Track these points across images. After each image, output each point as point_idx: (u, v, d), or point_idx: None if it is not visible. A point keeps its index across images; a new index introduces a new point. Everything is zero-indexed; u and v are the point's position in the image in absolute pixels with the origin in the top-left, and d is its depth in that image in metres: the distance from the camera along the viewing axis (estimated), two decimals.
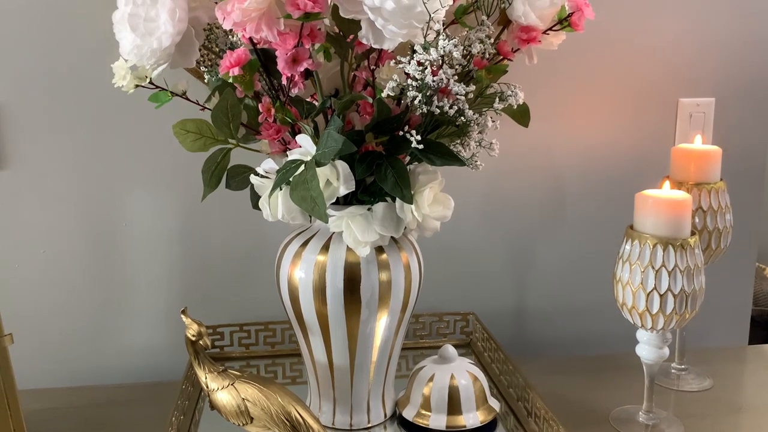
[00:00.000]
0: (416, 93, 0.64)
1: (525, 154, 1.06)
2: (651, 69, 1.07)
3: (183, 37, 0.69)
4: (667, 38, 1.07)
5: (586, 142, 1.08)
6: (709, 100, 1.10)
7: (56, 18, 0.92)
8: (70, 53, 0.93)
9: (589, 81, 1.06)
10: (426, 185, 0.72)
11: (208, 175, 0.74)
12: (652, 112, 1.09)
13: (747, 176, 1.13)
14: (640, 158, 1.09)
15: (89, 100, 0.95)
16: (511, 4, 0.72)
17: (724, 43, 1.09)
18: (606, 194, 1.10)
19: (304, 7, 0.58)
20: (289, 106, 0.71)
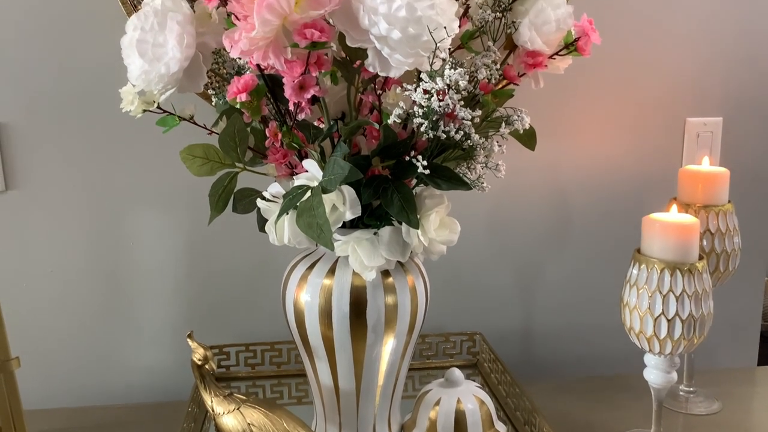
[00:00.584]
0: (422, 120, 0.64)
1: (530, 172, 1.06)
2: (658, 88, 1.07)
3: (191, 62, 0.69)
4: (674, 57, 1.07)
5: (592, 160, 1.08)
6: (716, 119, 1.10)
7: (65, 40, 0.93)
8: (79, 74, 0.94)
9: (595, 100, 1.06)
10: (432, 209, 0.72)
11: (215, 198, 0.74)
12: (659, 131, 1.09)
13: (755, 197, 1.12)
14: (646, 177, 1.09)
15: (97, 120, 0.95)
16: (517, 30, 0.72)
17: (730, 62, 1.08)
18: (612, 213, 1.09)
19: (311, 36, 0.58)
20: (295, 131, 0.72)
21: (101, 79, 0.93)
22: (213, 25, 0.71)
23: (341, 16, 0.60)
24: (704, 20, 1.07)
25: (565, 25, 0.72)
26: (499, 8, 0.72)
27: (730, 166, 0.94)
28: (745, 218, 0.97)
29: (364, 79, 0.74)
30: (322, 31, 0.59)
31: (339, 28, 0.61)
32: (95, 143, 0.96)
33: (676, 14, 1.06)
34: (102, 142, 0.96)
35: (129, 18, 0.86)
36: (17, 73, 0.93)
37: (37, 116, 0.94)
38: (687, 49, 1.07)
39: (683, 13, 1.06)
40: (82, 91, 0.94)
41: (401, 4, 0.57)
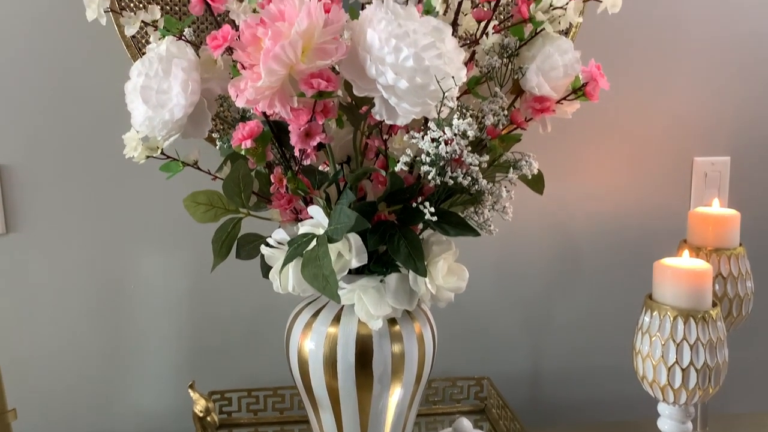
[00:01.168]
0: (430, 168, 0.63)
1: (538, 212, 1.05)
2: (664, 127, 1.07)
3: (195, 109, 0.69)
4: (680, 97, 1.07)
5: (600, 201, 1.07)
6: (724, 159, 1.09)
7: (68, 82, 0.92)
8: (81, 116, 0.93)
9: (601, 139, 1.06)
10: (440, 256, 0.70)
11: (218, 245, 0.73)
12: (666, 171, 1.08)
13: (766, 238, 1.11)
14: (655, 218, 1.08)
15: (99, 162, 0.95)
16: (524, 75, 0.71)
17: (737, 101, 1.08)
18: (622, 254, 1.08)
19: (318, 86, 0.58)
20: (301, 176, 0.71)
21: (104, 121, 0.93)
22: (218, 71, 0.70)
23: (348, 66, 0.60)
24: (710, 60, 1.06)
25: (572, 71, 0.71)
26: (506, 54, 0.72)
27: (739, 205, 0.92)
28: (757, 261, 0.95)
29: (370, 124, 0.74)
30: (329, 80, 0.58)
31: (346, 77, 0.60)
32: (97, 186, 0.95)
33: (681, 54, 1.05)
34: (104, 184, 0.96)
35: (134, 61, 0.87)
36: (19, 115, 0.92)
37: (39, 158, 0.94)
38: (693, 89, 1.07)
39: (689, 53, 1.06)
40: (85, 134, 0.94)
41: (409, 54, 0.57)
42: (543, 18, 0.68)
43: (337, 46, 0.58)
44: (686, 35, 1.05)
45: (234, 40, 0.61)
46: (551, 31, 0.70)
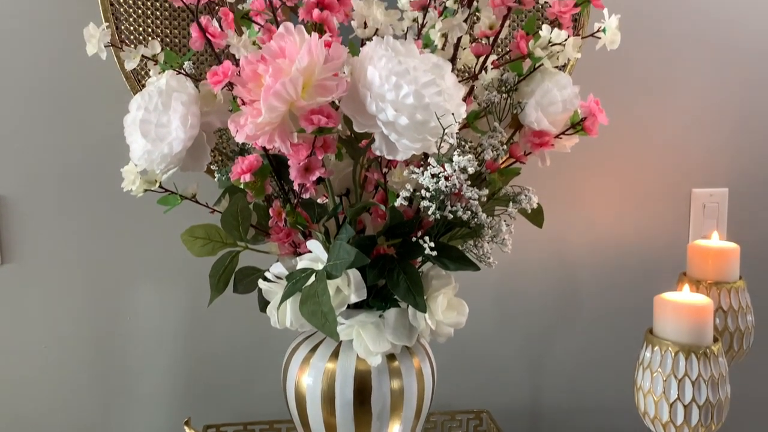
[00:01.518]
0: (429, 203, 0.62)
1: (536, 245, 1.04)
2: (663, 159, 1.07)
3: (194, 142, 0.68)
4: (678, 129, 1.07)
5: (599, 232, 1.07)
6: (722, 190, 1.09)
7: (66, 113, 0.92)
8: (80, 148, 0.93)
9: (600, 170, 1.06)
10: (439, 291, 0.70)
11: (216, 279, 0.73)
12: (665, 202, 1.08)
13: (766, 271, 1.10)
14: (654, 249, 1.08)
15: (95, 195, 0.94)
16: (523, 110, 0.72)
17: (735, 133, 1.09)
18: (621, 286, 1.07)
19: (318, 122, 0.58)
20: (300, 210, 0.70)
21: (102, 153, 0.93)
22: (218, 104, 0.71)
23: (348, 102, 0.60)
24: (707, 91, 1.07)
25: (571, 106, 0.71)
26: (504, 89, 0.72)
27: (738, 237, 0.92)
28: (757, 294, 0.95)
29: (369, 158, 0.74)
30: (329, 116, 0.58)
31: (346, 113, 0.60)
32: (94, 218, 0.95)
33: (678, 86, 1.06)
34: (101, 216, 0.95)
35: (133, 94, 0.87)
36: (18, 146, 0.92)
37: (37, 190, 0.93)
38: (691, 120, 1.08)
39: (686, 85, 1.06)
40: (83, 166, 0.94)
41: (409, 92, 0.57)
42: (542, 54, 0.69)
43: (337, 82, 0.58)
44: (683, 68, 1.06)
45: (234, 75, 0.61)
46: (550, 66, 0.71)
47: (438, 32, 0.74)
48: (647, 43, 1.04)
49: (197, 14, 0.63)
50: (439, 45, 0.75)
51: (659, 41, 1.05)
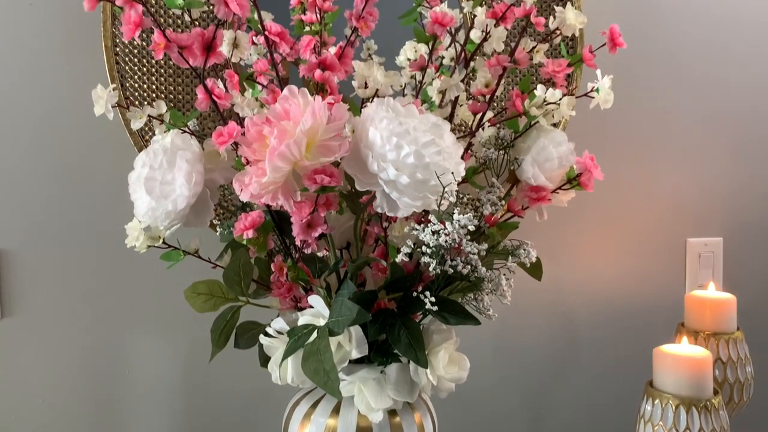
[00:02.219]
0: (430, 260, 0.63)
1: (535, 294, 1.05)
2: (657, 209, 1.09)
3: (198, 199, 0.69)
4: (673, 179, 1.09)
5: (596, 282, 1.07)
6: (717, 239, 1.10)
7: (69, 167, 0.93)
8: (81, 203, 0.94)
9: (596, 222, 1.07)
10: (440, 345, 0.70)
11: (217, 334, 0.73)
12: (661, 252, 1.09)
13: (764, 322, 1.11)
14: (651, 298, 1.08)
15: (97, 249, 0.95)
16: (520, 166, 0.73)
17: (728, 183, 1.11)
18: (619, 336, 1.08)
19: (321, 181, 0.59)
20: (301, 265, 0.71)
21: (103, 207, 0.94)
22: (222, 162, 0.72)
23: (350, 162, 0.61)
24: (701, 143, 1.10)
25: (567, 162, 0.73)
26: (501, 146, 0.74)
27: (734, 286, 0.93)
28: (755, 345, 0.96)
29: (369, 212, 0.75)
30: (332, 176, 0.60)
31: (348, 172, 0.62)
32: (95, 272, 0.95)
33: (672, 137, 1.09)
34: (102, 270, 0.95)
35: (137, 149, 0.89)
36: (19, 199, 0.93)
37: (38, 244, 0.94)
38: (685, 171, 1.10)
39: (680, 137, 1.09)
40: (84, 220, 0.94)
41: (409, 152, 0.59)
42: (537, 113, 0.71)
43: (340, 143, 0.60)
44: (677, 119, 1.09)
45: (239, 136, 0.63)
46: (545, 124, 0.73)
47: (436, 90, 0.76)
48: (640, 98, 1.07)
49: (203, 77, 0.65)
50: (437, 101, 0.77)
51: (652, 96, 1.08)
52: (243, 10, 0.62)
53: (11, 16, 0.89)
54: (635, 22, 1.07)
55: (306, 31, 0.80)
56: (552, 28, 0.74)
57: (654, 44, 1.08)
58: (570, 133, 0.87)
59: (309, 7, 0.78)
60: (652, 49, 1.07)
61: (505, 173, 0.75)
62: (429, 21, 0.71)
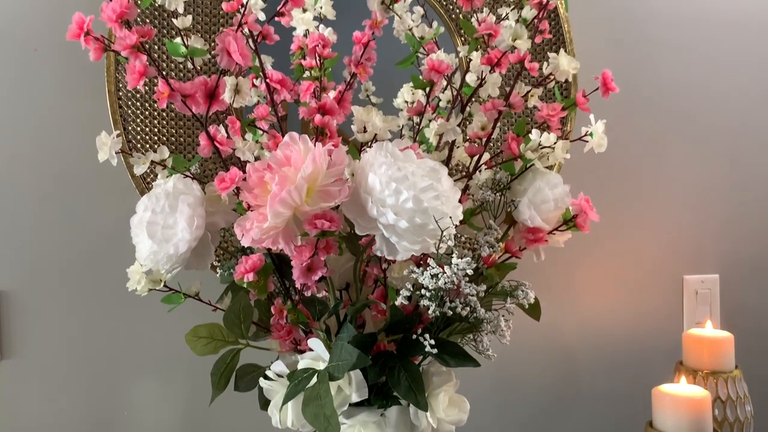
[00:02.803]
0: (429, 303, 0.64)
1: (534, 333, 1.05)
2: (654, 247, 1.10)
3: (199, 242, 0.70)
4: (668, 217, 1.10)
5: (594, 320, 1.08)
6: (713, 276, 1.11)
7: (70, 209, 0.94)
8: (81, 245, 0.94)
9: (594, 260, 1.08)
10: (440, 387, 0.70)
11: (217, 377, 0.73)
12: (658, 289, 1.10)
13: (762, 362, 1.11)
14: (649, 335, 1.09)
15: (96, 290, 0.95)
16: (516, 208, 0.75)
17: (723, 221, 1.12)
18: (618, 375, 1.07)
19: (322, 226, 0.60)
20: (301, 307, 0.72)
21: (104, 249, 0.94)
22: (223, 205, 0.73)
23: (350, 206, 0.62)
24: (694, 180, 1.11)
25: (563, 204, 0.74)
26: (498, 188, 0.75)
27: (731, 322, 0.94)
28: (754, 383, 0.96)
29: (369, 254, 0.76)
30: (332, 221, 0.61)
31: (348, 216, 0.63)
32: (94, 314, 0.95)
33: (667, 176, 1.10)
34: (102, 311, 0.95)
35: (138, 191, 0.90)
36: (19, 240, 0.93)
37: (38, 285, 0.94)
38: (679, 209, 1.11)
39: (673, 175, 1.11)
40: (84, 262, 0.95)
41: (408, 197, 0.60)
42: (532, 156, 0.72)
43: (340, 188, 0.61)
44: (672, 157, 1.11)
45: (241, 181, 0.64)
46: (541, 167, 0.74)
47: (433, 132, 0.78)
48: (635, 137, 1.09)
49: (206, 124, 0.66)
50: (435, 143, 0.79)
51: (647, 135, 1.10)
52: (245, 60, 0.64)
53: (16, 61, 0.91)
54: (628, 65, 1.10)
55: (306, 77, 0.82)
56: (546, 74, 0.76)
57: (646, 85, 1.10)
58: (565, 173, 0.88)
59: (309, 53, 0.81)
60: (644, 90, 1.10)
61: (502, 214, 0.76)
62: (426, 68, 0.73)
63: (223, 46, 0.64)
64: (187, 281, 0.75)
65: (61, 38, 0.64)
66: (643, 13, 1.10)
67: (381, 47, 0.78)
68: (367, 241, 0.70)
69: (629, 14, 1.10)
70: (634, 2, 1.10)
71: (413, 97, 0.90)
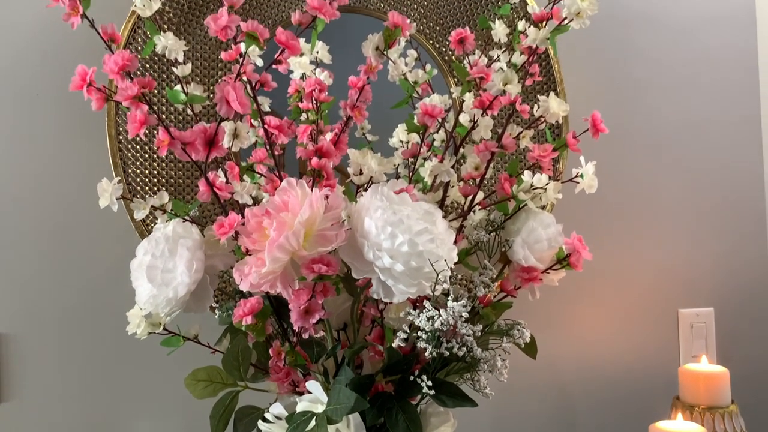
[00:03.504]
0: (426, 345, 0.65)
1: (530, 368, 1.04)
2: (648, 281, 1.11)
3: (198, 285, 0.71)
4: (662, 251, 1.12)
5: (591, 355, 1.08)
6: (708, 310, 1.12)
7: (69, 251, 0.95)
8: (78, 287, 0.95)
9: (588, 296, 1.09)
10: (438, 428, 0.71)
11: (216, 420, 0.73)
12: (653, 323, 1.11)
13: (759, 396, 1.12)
14: (646, 370, 1.09)
15: (95, 333, 0.95)
16: (510, 247, 0.76)
17: (715, 253, 1.13)
18: (614, 408, 1.07)
19: (319, 270, 0.61)
20: (299, 349, 0.72)
21: (103, 292, 0.95)
22: (222, 248, 0.74)
23: (347, 250, 0.63)
24: (689, 214, 1.13)
25: (556, 243, 0.76)
26: (492, 228, 0.76)
27: (727, 355, 0.94)
28: (750, 417, 0.96)
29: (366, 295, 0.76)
30: (329, 265, 0.62)
31: (344, 260, 0.64)
32: (94, 356, 0.96)
33: (661, 210, 1.12)
34: (101, 354, 0.96)
35: (138, 233, 0.91)
36: (20, 283, 0.94)
37: (37, 328, 0.94)
38: (674, 243, 1.12)
39: (665, 210, 1.12)
40: (83, 305, 0.95)
41: (404, 241, 0.61)
42: (525, 198, 0.74)
43: (337, 232, 0.62)
44: (664, 193, 1.12)
45: (239, 226, 0.65)
46: (534, 207, 0.75)
47: (428, 170, 0.79)
48: (627, 174, 1.11)
49: (205, 170, 0.68)
50: (429, 181, 0.80)
51: (638, 172, 1.12)
52: (244, 108, 0.65)
53: (19, 106, 0.93)
54: (618, 103, 1.12)
55: (303, 121, 0.84)
56: (537, 116, 0.78)
57: (637, 123, 1.12)
58: (558, 210, 0.90)
59: (305, 97, 0.83)
60: (635, 127, 1.12)
61: (497, 254, 0.78)
62: (419, 112, 0.75)
63: (222, 95, 0.65)
64: (185, 323, 0.76)
65: (63, 83, 0.65)
66: (632, 54, 1.13)
67: (376, 82, 0.79)
68: (364, 282, 0.71)
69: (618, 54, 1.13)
70: (623, 43, 1.13)
71: (408, 137, 0.92)
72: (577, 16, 0.71)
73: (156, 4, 0.71)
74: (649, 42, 1.14)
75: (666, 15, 1.15)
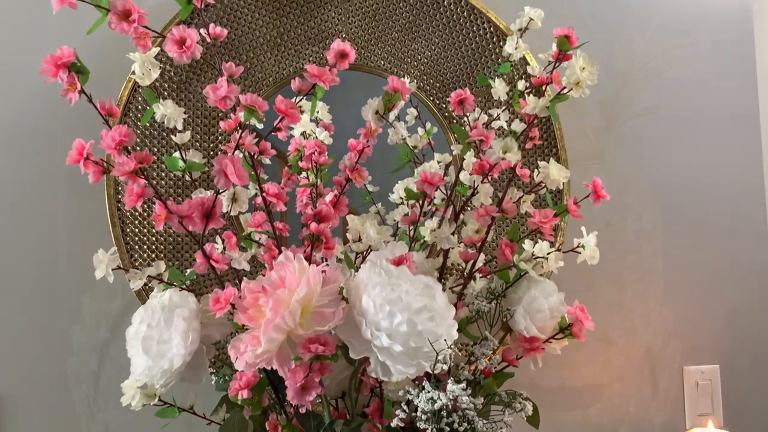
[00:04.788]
0: (426, 425, 0.63)
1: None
2: (652, 338, 1.09)
3: (194, 356, 0.70)
4: (666, 308, 1.10)
5: (595, 416, 1.06)
6: (713, 367, 1.10)
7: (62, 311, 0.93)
8: (74, 347, 0.93)
9: (589, 356, 1.07)
10: None
11: None
12: (658, 381, 1.09)
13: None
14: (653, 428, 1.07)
15: (92, 398, 0.94)
16: (512, 317, 0.75)
17: (722, 311, 1.12)
18: None
19: (316, 350, 0.60)
20: (295, 423, 0.71)
21: (100, 353, 0.94)
22: (218, 318, 0.73)
23: (345, 329, 0.62)
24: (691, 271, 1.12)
25: (558, 312, 0.74)
26: (493, 297, 0.75)
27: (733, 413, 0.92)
28: None
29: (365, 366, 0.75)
30: (326, 344, 0.61)
31: (342, 339, 0.63)
32: (90, 420, 0.94)
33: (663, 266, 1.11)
34: (98, 419, 0.94)
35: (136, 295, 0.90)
36: (16, 344, 0.93)
37: (34, 390, 0.93)
38: (679, 300, 1.11)
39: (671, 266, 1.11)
40: (82, 366, 0.94)
41: (402, 320, 0.60)
42: (526, 267, 0.73)
43: (334, 310, 0.61)
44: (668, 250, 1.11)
45: (236, 299, 0.64)
46: (535, 275, 0.74)
47: (428, 231, 0.78)
48: (630, 233, 1.10)
49: (202, 243, 0.67)
50: (429, 240, 0.79)
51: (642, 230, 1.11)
52: (242, 180, 0.65)
53: (19, 163, 0.93)
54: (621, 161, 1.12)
55: (302, 185, 0.83)
56: (537, 181, 0.78)
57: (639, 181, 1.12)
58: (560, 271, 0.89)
59: (305, 158, 0.83)
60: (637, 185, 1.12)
61: (498, 322, 0.76)
62: (419, 180, 0.74)
63: (220, 168, 0.65)
64: (181, 393, 0.74)
65: (63, 140, 0.65)
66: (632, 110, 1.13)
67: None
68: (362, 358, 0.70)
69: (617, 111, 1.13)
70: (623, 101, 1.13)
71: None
72: (576, 85, 0.71)
73: (155, 74, 0.71)
74: (648, 98, 1.14)
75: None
